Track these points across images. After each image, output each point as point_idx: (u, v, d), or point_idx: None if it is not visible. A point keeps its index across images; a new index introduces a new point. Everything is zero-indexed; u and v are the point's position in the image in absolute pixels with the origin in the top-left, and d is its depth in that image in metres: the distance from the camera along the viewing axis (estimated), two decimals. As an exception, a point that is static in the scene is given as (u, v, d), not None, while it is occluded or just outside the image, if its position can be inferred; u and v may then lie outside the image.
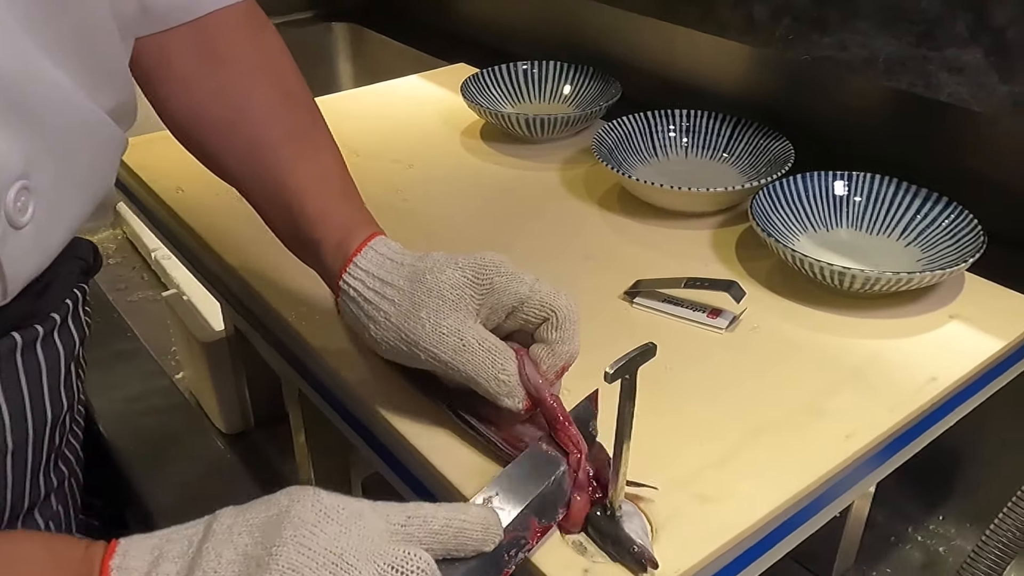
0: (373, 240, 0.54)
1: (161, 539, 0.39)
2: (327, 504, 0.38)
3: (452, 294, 0.50)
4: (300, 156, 0.57)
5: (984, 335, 0.63)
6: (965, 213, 0.68)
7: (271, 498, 0.39)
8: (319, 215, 0.55)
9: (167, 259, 1.20)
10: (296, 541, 0.37)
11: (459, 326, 0.49)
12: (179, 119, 0.59)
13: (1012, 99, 0.62)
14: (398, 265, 0.52)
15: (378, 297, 0.52)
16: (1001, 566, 0.45)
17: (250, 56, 0.59)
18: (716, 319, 0.64)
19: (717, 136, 0.85)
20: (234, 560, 0.37)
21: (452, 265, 0.51)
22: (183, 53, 0.57)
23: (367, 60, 1.48)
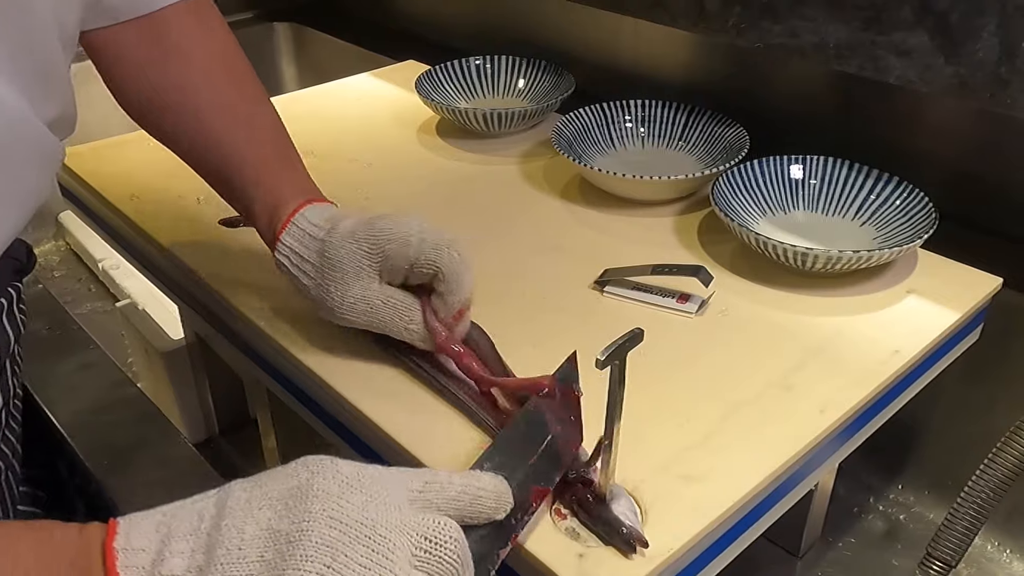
0: (296, 215, 0.58)
1: (166, 515, 0.37)
2: (347, 473, 0.37)
3: (352, 266, 0.55)
4: (241, 140, 0.61)
5: (941, 308, 0.65)
6: (916, 191, 0.71)
7: (285, 470, 0.38)
8: (255, 189, 0.60)
9: (115, 269, 1.18)
10: (326, 515, 0.35)
11: (363, 292, 0.55)
12: (135, 104, 0.63)
13: (957, 79, 0.64)
14: (313, 239, 0.57)
15: (299, 271, 0.57)
16: (972, 533, 0.47)
17: (199, 45, 0.63)
18: (685, 304, 0.65)
19: (672, 125, 0.86)
20: (258, 535, 0.35)
21: (350, 239, 0.55)
22: (137, 44, 0.60)
23: (311, 60, 1.46)
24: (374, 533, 0.36)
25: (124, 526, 0.36)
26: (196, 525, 0.36)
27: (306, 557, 0.34)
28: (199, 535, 0.36)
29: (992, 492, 0.46)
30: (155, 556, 0.35)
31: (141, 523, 0.37)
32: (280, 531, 0.35)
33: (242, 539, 0.35)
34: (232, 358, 0.82)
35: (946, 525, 0.48)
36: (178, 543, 0.36)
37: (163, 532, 0.36)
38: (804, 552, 0.79)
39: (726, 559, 0.52)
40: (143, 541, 0.36)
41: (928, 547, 0.49)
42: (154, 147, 0.90)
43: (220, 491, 0.38)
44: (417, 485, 0.39)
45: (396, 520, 0.37)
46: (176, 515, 0.37)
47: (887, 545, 0.80)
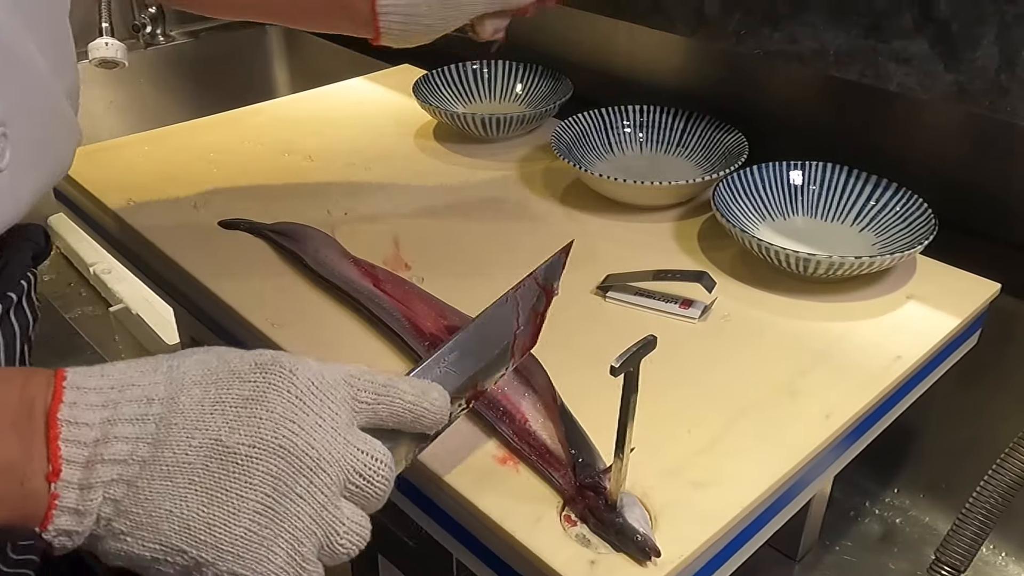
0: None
1: (113, 389, 0.37)
2: (301, 387, 0.38)
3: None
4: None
5: (941, 313, 0.66)
6: (915, 197, 0.71)
7: (241, 369, 0.38)
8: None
9: (107, 273, 1.17)
10: (276, 443, 0.36)
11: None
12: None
13: (956, 87, 0.64)
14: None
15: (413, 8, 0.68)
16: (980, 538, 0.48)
17: None
18: (688, 309, 0.65)
19: (671, 131, 0.86)
20: (205, 445, 0.36)
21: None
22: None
23: (304, 64, 1.46)
24: (316, 466, 0.37)
25: (70, 395, 0.36)
26: (144, 410, 0.36)
27: (250, 485, 0.36)
28: (146, 422, 0.36)
29: (1000, 497, 0.47)
30: (99, 435, 0.35)
31: (88, 395, 0.36)
32: (228, 447, 0.36)
33: (189, 445, 0.36)
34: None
35: (954, 531, 0.48)
36: (124, 427, 0.36)
37: (110, 410, 0.36)
38: (802, 556, 0.80)
39: (734, 564, 0.52)
40: (88, 415, 0.36)
41: (936, 553, 0.50)
42: (149, 151, 0.91)
43: (170, 371, 0.38)
44: (368, 397, 0.40)
45: (338, 451, 0.38)
46: (124, 391, 0.37)
47: (883, 548, 0.81)
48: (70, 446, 0.35)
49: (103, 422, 0.35)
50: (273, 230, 0.74)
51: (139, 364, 0.38)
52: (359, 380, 0.40)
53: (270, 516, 0.36)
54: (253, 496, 0.36)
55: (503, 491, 0.50)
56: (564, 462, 0.51)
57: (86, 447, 0.35)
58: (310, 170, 0.87)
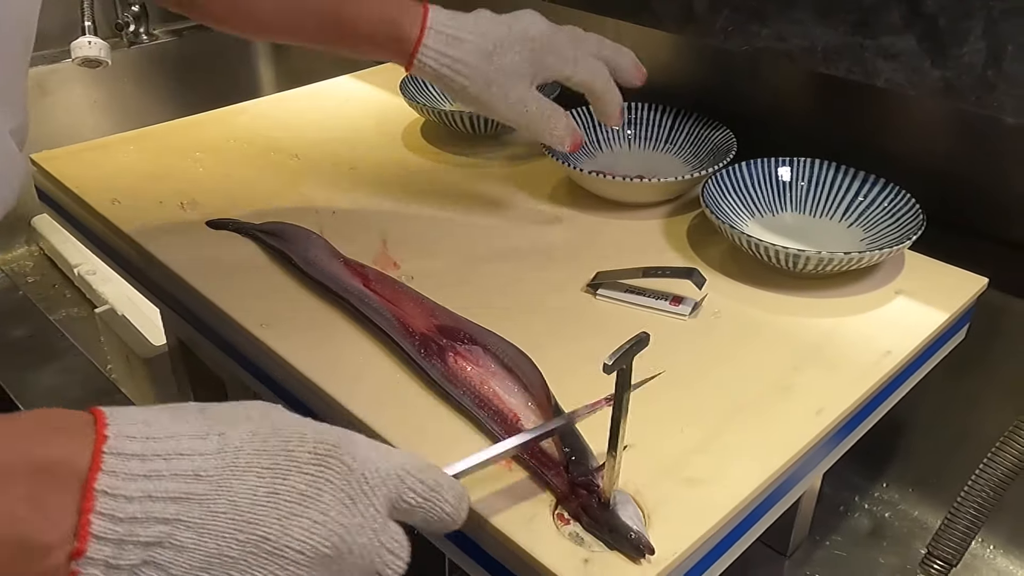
0: (429, 20, 0.67)
1: (159, 458, 0.33)
2: (355, 488, 0.36)
3: (516, 72, 0.68)
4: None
5: (929, 308, 0.66)
6: (903, 193, 0.71)
7: (299, 458, 0.35)
8: (369, 19, 0.67)
9: (91, 274, 1.16)
10: (323, 551, 0.35)
11: (523, 96, 0.68)
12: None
13: (944, 82, 0.65)
14: (463, 42, 0.67)
15: (454, 73, 0.67)
16: (972, 532, 0.48)
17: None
18: (679, 306, 0.65)
19: (659, 128, 0.86)
20: (251, 542, 0.34)
21: (510, 50, 0.67)
22: None
23: (289, 62, 1.45)
24: (353, 568, 0.36)
25: (111, 463, 0.33)
26: (191, 488, 0.33)
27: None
28: (190, 502, 0.33)
29: (992, 491, 0.47)
30: (137, 511, 0.32)
31: (130, 462, 0.33)
32: (276, 547, 0.34)
33: (236, 539, 0.34)
34: (217, 363, 0.81)
35: (947, 524, 0.49)
36: (166, 505, 0.33)
37: (153, 482, 0.33)
38: (792, 551, 0.80)
39: (726, 561, 0.52)
40: (129, 487, 0.33)
41: (929, 546, 0.50)
42: (133, 150, 0.90)
43: (222, 441, 0.35)
44: (412, 500, 0.39)
45: (371, 552, 0.37)
46: (170, 461, 0.33)
47: (873, 543, 0.81)
48: (103, 521, 0.32)
49: (144, 496, 0.32)
50: (261, 230, 0.74)
51: (186, 424, 0.35)
52: (410, 478, 0.39)
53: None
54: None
55: (496, 490, 0.50)
56: (557, 460, 0.51)
57: (121, 523, 0.32)
58: (297, 169, 0.87)
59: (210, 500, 0.33)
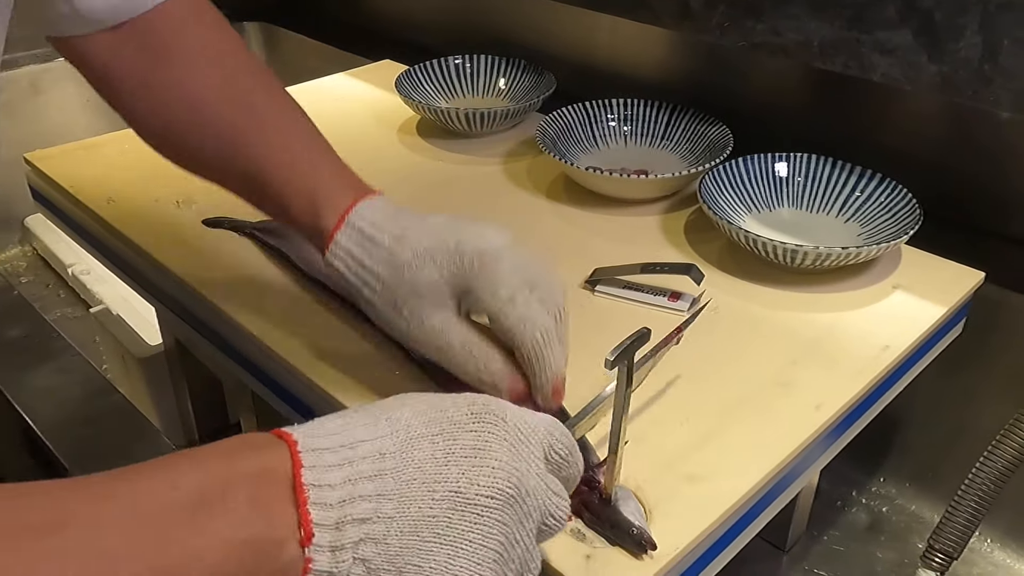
0: (351, 213, 0.52)
1: (346, 447, 0.36)
2: (515, 435, 0.39)
3: (431, 294, 0.50)
4: (263, 130, 0.56)
5: (927, 303, 0.66)
6: (900, 188, 0.71)
7: (460, 420, 0.38)
8: (293, 184, 0.54)
9: (85, 274, 1.15)
10: (505, 493, 0.37)
11: (441, 326, 0.50)
12: (142, 121, 0.58)
13: (940, 77, 0.65)
14: (376, 246, 0.51)
15: (360, 283, 0.52)
16: (973, 525, 0.48)
17: (201, 45, 0.57)
18: (677, 302, 0.65)
19: (655, 124, 0.86)
20: (446, 498, 0.37)
21: (430, 263, 0.50)
22: (134, 54, 0.56)
23: (282, 60, 1.45)
24: (530, 513, 0.38)
25: (309, 459, 0.35)
26: (380, 465, 0.36)
27: (489, 535, 0.37)
28: (384, 477, 0.36)
29: (992, 484, 0.47)
30: (343, 495, 0.35)
31: (324, 455, 0.36)
32: (469, 498, 0.37)
33: (432, 498, 0.36)
34: (215, 362, 0.80)
35: (947, 518, 0.49)
36: (365, 484, 0.36)
37: (347, 469, 0.36)
38: (790, 547, 0.80)
39: (727, 556, 0.52)
40: (330, 476, 0.35)
41: (930, 540, 0.50)
42: (129, 149, 0.89)
43: (391, 423, 0.38)
44: (562, 452, 0.41)
45: (541, 496, 0.39)
46: (356, 447, 0.36)
47: (871, 538, 0.82)
48: (318, 509, 0.35)
49: (344, 481, 0.35)
50: (259, 228, 0.74)
51: (357, 418, 0.38)
52: (556, 432, 0.41)
53: (501, 563, 0.37)
54: (491, 545, 0.37)
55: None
56: None
57: (333, 508, 0.35)
58: None
59: (399, 471, 0.36)
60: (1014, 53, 0.60)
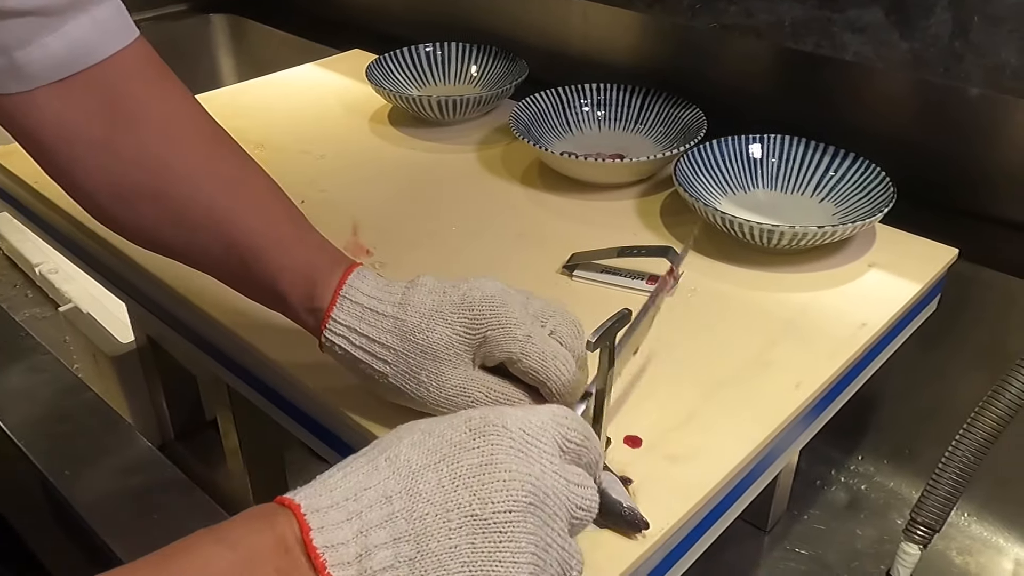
0: (344, 287, 0.49)
1: (348, 499, 0.35)
2: (519, 440, 0.38)
3: (447, 353, 0.48)
4: (240, 207, 0.52)
5: (902, 280, 0.66)
6: (873, 167, 0.72)
7: (459, 440, 0.37)
8: (279, 268, 0.50)
9: (53, 273, 1.13)
10: (525, 501, 0.36)
11: (463, 383, 0.49)
12: (95, 192, 0.51)
13: (912, 54, 0.65)
14: (381, 316, 0.49)
15: (369, 356, 0.49)
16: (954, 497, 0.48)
17: (160, 108, 0.52)
18: (655, 285, 0.65)
19: (629, 108, 0.86)
20: (463, 524, 0.35)
21: (440, 321, 0.48)
22: (87, 117, 0.50)
23: (249, 52, 1.43)
24: (555, 513, 0.37)
25: (315, 520, 0.35)
26: (388, 509, 0.35)
27: (519, 549, 0.35)
28: (395, 521, 0.35)
29: (972, 456, 0.48)
30: (358, 550, 0.34)
31: (330, 514, 0.35)
32: (486, 519, 0.35)
33: (449, 528, 0.35)
34: (189, 357, 0.79)
35: (928, 491, 0.49)
36: (377, 533, 0.35)
37: (356, 522, 0.35)
38: (771, 527, 0.80)
39: (712, 536, 0.52)
40: (340, 534, 0.34)
41: (912, 513, 0.50)
42: (94, 144, 0.88)
43: (391, 463, 0.36)
44: (577, 438, 0.40)
45: (563, 492, 0.38)
46: (359, 497, 0.35)
47: (850, 516, 0.82)
48: (338, 570, 0.34)
49: (356, 535, 0.34)
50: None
51: (356, 466, 0.37)
52: (567, 420, 0.40)
53: (540, 571, 0.36)
54: (523, 559, 0.36)
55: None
56: None
57: (352, 565, 0.34)
58: (262, 159, 0.83)
59: (409, 511, 0.35)
60: (984, 29, 0.60)
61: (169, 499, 0.58)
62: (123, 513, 0.34)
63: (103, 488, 0.60)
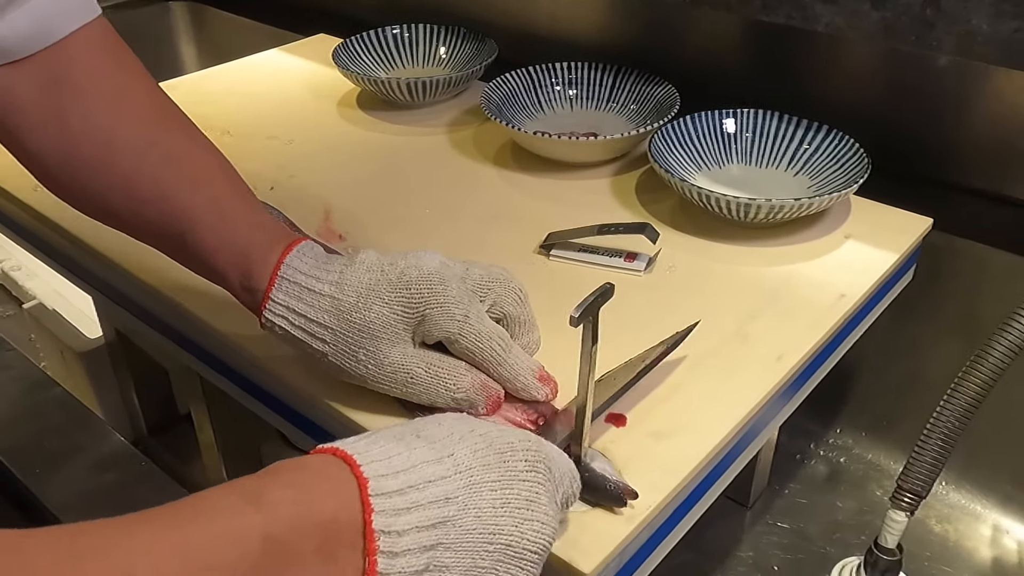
0: (282, 266, 0.49)
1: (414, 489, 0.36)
2: (553, 486, 0.40)
3: (385, 332, 0.48)
4: (183, 182, 0.52)
5: (879, 250, 0.66)
6: (847, 138, 0.72)
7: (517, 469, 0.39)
8: (216, 246, 0.50)
9: (16, 270, 1.10)
10: (545, 547, 0.39)
11: (401, 360, 0.49)
12: (45, 161, 0.52)
13: (883, 24, 0.65)
14: (318, 296, 0.48)
15: (308, 336, 0.49)
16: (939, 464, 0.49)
17: (112, 81, 0.52)
18: (633, 262, 0.65)
19: (600, 87, 0.85)
20: (497, 551, 0.38)
21: (377, 300, 0.48)
22: (39, 88, 0.50)
23: (211, 40, 1.40)
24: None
25: (380, 504, 0.35)
26: (443, 512, 0.36)
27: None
28: (447, 526, 0.36)
29: (957, 422, 0.48)
30: (409, 544, 0.35)
31: (395, 499, 0.35)
32: (517, 552, 0.38)
33: (486, 550, 0.37)
34: (159, 350, 0.78)
35: (914, 458, 0.49)
36: (428, 533, 0.36)
37: (415, 516, 0.35)
38: (753, 502, 0.81)
39: (698, 512, 0.52)
40: (400, 523, 0.35)
41: (898, 480, 0.51)
42: (54, 134, 0.85)
43: (455, 463, 0.38)
44: (571, 501, 0.43)
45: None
46: (423, 490, 0.36)
47: (831, 488, 0.83)
48: (385, 558, 0.34)
49: (412, 528, 0.35)
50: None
51: (420, 453, 0.37)
52: (575, 483, 0.43)
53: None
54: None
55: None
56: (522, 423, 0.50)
57: (397, 557, 0.35)
58: (229, 146, 0.82)
59: (460, 519, 0.36)
60: (955, -4, 0.60)
61: (144, 495, 0.57)
62: (97, 511, 0.32)
63: (75, 485, 0.59)
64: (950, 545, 0.77)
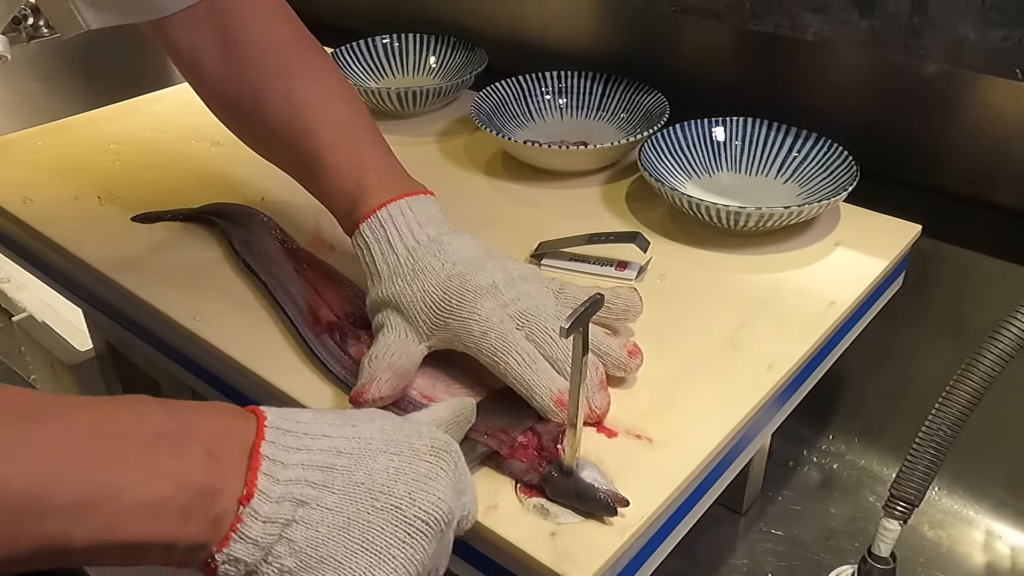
0: (384, 208, 0.57)
1: (308, 436, 0.38)
2: (458, 474, 0.42)
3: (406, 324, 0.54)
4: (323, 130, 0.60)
5: (869, 258, 0.67)
6: (835, 146, 0.72)
7: (421, 450, 0.40)
8: (340, 181, 0.59)
9: (6, 282, 1.10)
10: (441, 522, 0.39)
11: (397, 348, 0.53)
12: (217, 97, 0.64)
13: (872, 33, 0.65)
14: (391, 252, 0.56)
15: (369, 271, 0.56)
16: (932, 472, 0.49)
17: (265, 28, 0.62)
18: (624, 271, 0.65)
19: (590, 95, 0.85)
20: (385, 509, 0.38)
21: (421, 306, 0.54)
22: (208, 30, 0.61)
23: (201, 50, 1.40)
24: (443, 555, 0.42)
25: (272, 435, 0.38)
26: (333, 460, 0.38)
27: (412, 557, 0.39)
28: (334, 471, 0.38)
29: (949, 430, 0.48)
30: (292, 476, 0.37)
31: (287, 437, 0.38)
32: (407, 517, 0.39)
33: (373, 505, 0.38)
34: (150, 362, 0.77)
35: (907, 466, 0.49)
36: (314, 473, 0.38)
37: (304, 455, 0.38)
38: (747, 509, 0.80)
39: (691, 520, 0.52)
40: (287, 456, 0.37)
41: (891, 489, 0.50)
42: (43, 146, 0.85)
43: (356, 430, 0.40)
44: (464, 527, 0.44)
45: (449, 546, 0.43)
46: (316, 439, 0.39)
47: (824, 495, 0.83)
48: (266, 479, 0.37)
49: (297, 464, 0.37)
50: (204, 211, 0.71)
51: (327, 417, 0.40)
52: (475, 512, 0.44)
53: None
54: (410, 566, 0.38)
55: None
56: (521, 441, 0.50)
57: (279, 484, 0.37)
58: (219, 156, 0.83)
59: (351, 471, 0.38)
60: (942, 4, 0.61)
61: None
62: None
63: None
64: (943, 550, 0.77)
